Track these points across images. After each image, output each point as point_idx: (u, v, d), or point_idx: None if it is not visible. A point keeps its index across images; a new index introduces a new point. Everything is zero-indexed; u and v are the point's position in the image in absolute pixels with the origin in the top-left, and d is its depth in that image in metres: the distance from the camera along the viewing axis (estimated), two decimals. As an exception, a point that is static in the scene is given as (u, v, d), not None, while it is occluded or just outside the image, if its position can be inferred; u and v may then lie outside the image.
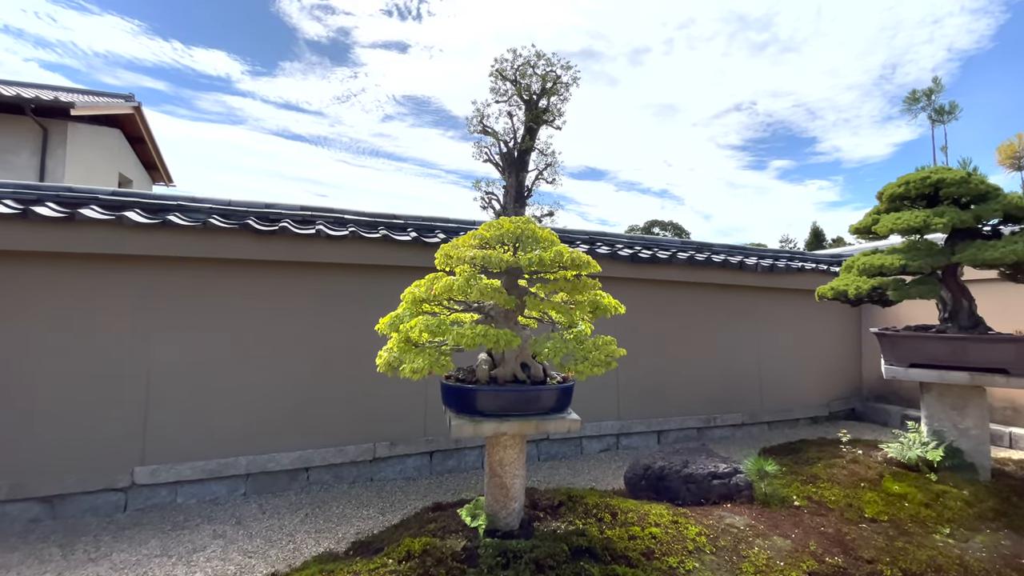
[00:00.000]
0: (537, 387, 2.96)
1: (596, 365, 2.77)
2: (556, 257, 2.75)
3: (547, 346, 2.78)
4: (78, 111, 10.24)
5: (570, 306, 2.88)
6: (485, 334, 2.58)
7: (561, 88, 21.68)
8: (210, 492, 4.30)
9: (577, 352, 2.78)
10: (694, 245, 6.62)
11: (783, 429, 6.83)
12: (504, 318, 3.09)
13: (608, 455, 5.62)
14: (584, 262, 2.81)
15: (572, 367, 2.76)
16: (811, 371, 7.19)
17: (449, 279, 2.70)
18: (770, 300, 6.90)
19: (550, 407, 3.01)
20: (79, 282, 4.03)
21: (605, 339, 3.04)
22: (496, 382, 2.99)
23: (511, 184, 21.27)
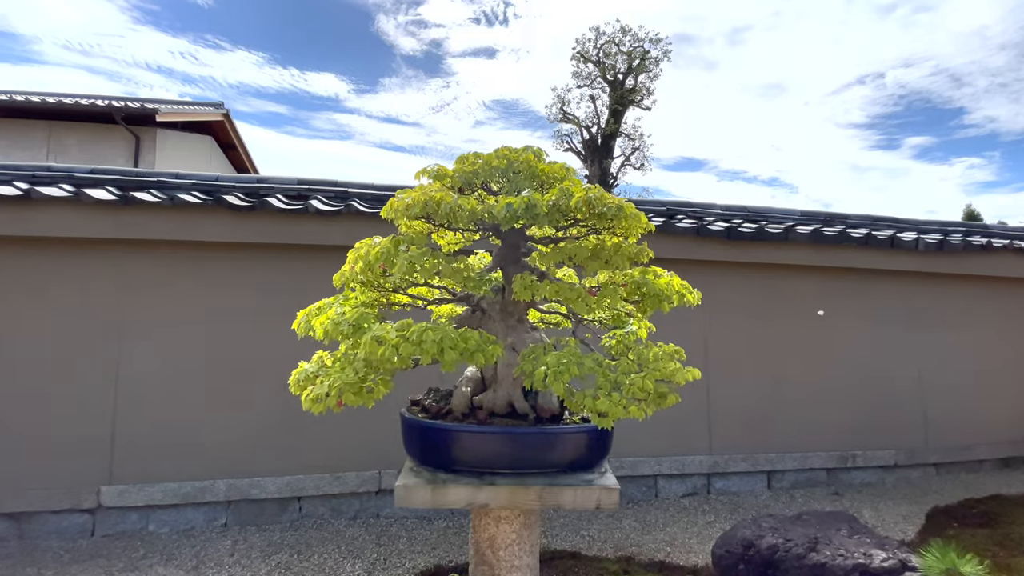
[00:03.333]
0: (544, 428, 1.78)
1: (636, 400, 1.48)
2: (560, 202, 1.51)
3: (546, 361, 1.55)
4: (163, 117, 10.65)
5: (588, 290, 1.61)
6: (421, 340, 1.42)
7: (650, 64, 19.66)
8: (185, 520, 3.59)
9: (600, 375, 1.52)
10: (820, 216, 4.87)
11: (959, 474, 4.82)
12: (501, 313, 1.91)
13: (694, 503, 4.15)
14: (619, 211, 1.53)
15: (589, 402, 1.49)
16: (1003, 392, 5.05)
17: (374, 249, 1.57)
18: (938, 291, 4.92)
19: (568, 461, 1.80)
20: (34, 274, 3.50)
21: (662, 350, 1.74)
22: (477, 415, 1.83)
23: (593, 173, 19.65)
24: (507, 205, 1.52)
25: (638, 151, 20.56)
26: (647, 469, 4.16)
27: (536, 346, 1.69)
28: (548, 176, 1.71)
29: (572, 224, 1.77)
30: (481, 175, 1.74)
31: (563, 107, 20.68)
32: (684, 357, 1.86)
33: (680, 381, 1.57)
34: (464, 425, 1.77)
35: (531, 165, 1.73)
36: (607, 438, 1.89)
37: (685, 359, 1.86)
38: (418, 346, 1.42)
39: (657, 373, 1.54)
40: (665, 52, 20.04)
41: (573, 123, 20.48)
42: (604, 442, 1.88)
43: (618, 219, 1.53)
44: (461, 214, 1.54)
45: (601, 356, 1.66)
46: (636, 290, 1.71)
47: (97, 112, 10.17)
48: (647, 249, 1.76)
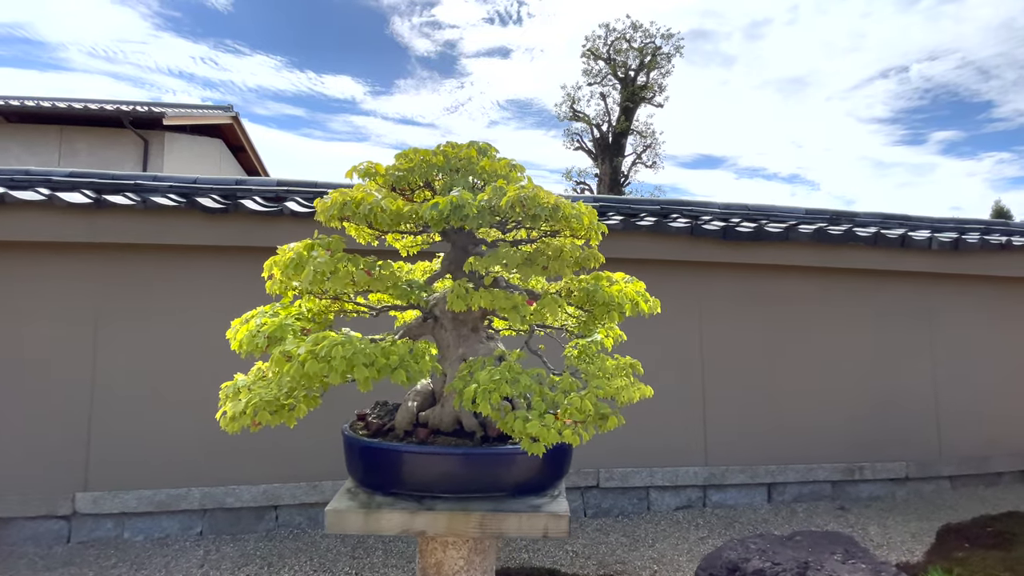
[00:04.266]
0: (488, 449, 1.64)
1: (574, 423, 1.32)
2: (493, 202, 1.36)
3: (478, 379, 1.41)
4: (170, 120, 10.75)
5: (526, 300, 1.45)
6: (330, 356, 1.28)
7: (662, 60, 19.29)
8: (160, 528, 3.52)
9: (538, 394, 1.37)
10: (826, 214, 4.63)
11: (976, 488, 4.53)
12: (454, 322, 1.77)
13: (688, 517, 3.95)
14: (554, 212, 1.37)
15: (519, 425, 1.34)
16: (1022, 399, 4.75)
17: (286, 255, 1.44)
18: (955, 293, 4.64)
19: (517, 484, 1.66)
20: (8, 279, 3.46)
21: (616, 363, 1.58)
22: (418, 433, 1.69)
23: (604, 171, 19.35)
24: (433, 205, 1.37)
25: (650, 149, 20.23)
26: (638, 480, 3.97)
27: (474, 360, 1.55)
28: (489, 174, 1.56)
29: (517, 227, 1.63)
30: (418, 173, 1.60)
31: (573, 105, 20.45)
32: (640, 371, 1.70)
33: (625, 400, 1.40)
34: (399, 444, 1.64)
35: (472, 162, 1.59)
36: (562, 458, 1.74)
37: (642, 372, 1.70)
38: (327, 363, 1.29)
39: (600, 391, 1.38)
40: (677, 48, 19.69)
41: (583, 121, 20.23)
42: (558, 463, 1.73)
43: (554, 220, 1.37)
44: (382, 216, 1.41)
45: (545, 372, 1.51)
46: (586, 298, 1.55)
47: (106, 116, 10.30)
48: (596, 253, 1.59)
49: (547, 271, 1.44)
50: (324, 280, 1.33)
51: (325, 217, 1.46)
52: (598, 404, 1.39)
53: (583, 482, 3.90)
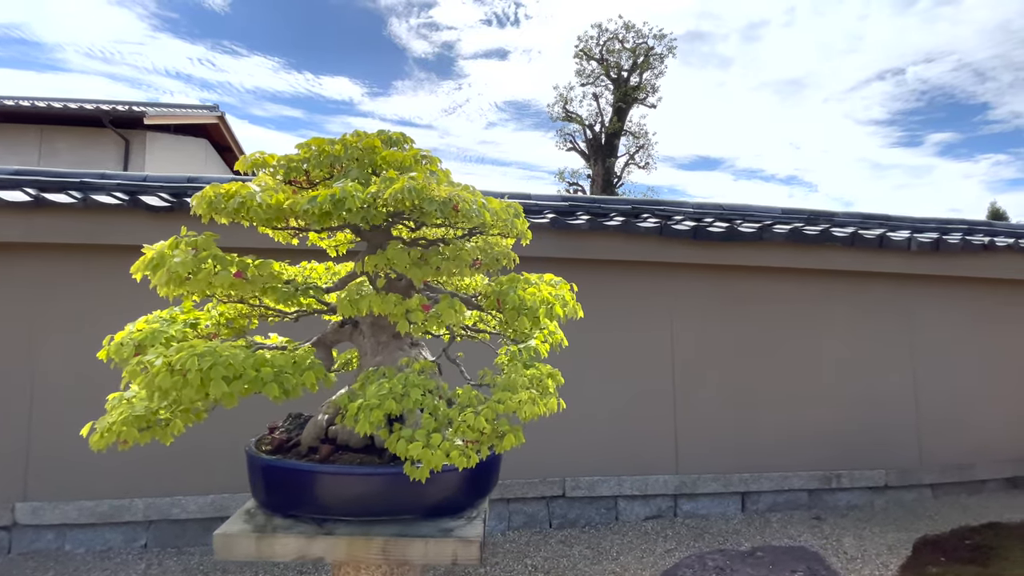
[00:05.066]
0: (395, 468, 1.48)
1: (466, 443, 1.18)
2: (380, 193, 1.22)
3: (368, 391, 1.27)
4: (151, 120, 10.60)
5: (421, 302, 1.31)
6: (186, 368, 1.14)
7: (654, 61, 19.18)
8: (102, 540, 3.37)
9: (429, 411, 1.23)
10: (804, 214, 4.49)
11: (958, 497, 4.39)
12: (372, 328, 1.64)
13: (657, 527, 3.80)
14: (444, 207, 1.22)
15: (401, 446, 1.20)
16: (1006, 404, 4.61)
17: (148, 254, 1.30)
18: (936, 295, 4.50)
19: (429, 506, 1.51)
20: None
21: (530, 375, 1.44)
22: (321, 450, 1.55)
23: (597, 172, 19.21)
24: (310, 200, 1.23)
25: (643, 149, 20.10)
26: (606, 489, 3.83)
27: (373, 371, 1.41)
28: (389, 164, 1.42)
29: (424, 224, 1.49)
30: (314, 163, 1.46)
31: (566, 106, 20.32)
32: (560, 381, 1.55)
33: (528, 416, 1.26)
34: (296, 463, 1.50)
35: (373, 151, 1.45)
36: (485, 476, 1.60)
37: (562, 382, 1.56)
38: (182, 376, 1.14)
39: (501, 406, 1.24)
40: (670, 48, 19.57)
41: (576, 122, 20.09)
42: (479, 481, 1.59)
43: (447, 216, 1.23)
44: (258, 210, 1.26)
45: (445, 386, 1.36)
46: (496, 301, 1.41)
47: (86, 116, 10.14)
48: (507, 252, 1.45)
49: (439, 272, 1.29)
50: (182, 281, 1.18)
51: (202, 212, 1.32)
52: (496, 421, 1.25)
53: (548, 491, 3.76)
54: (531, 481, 3.72)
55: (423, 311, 1.28)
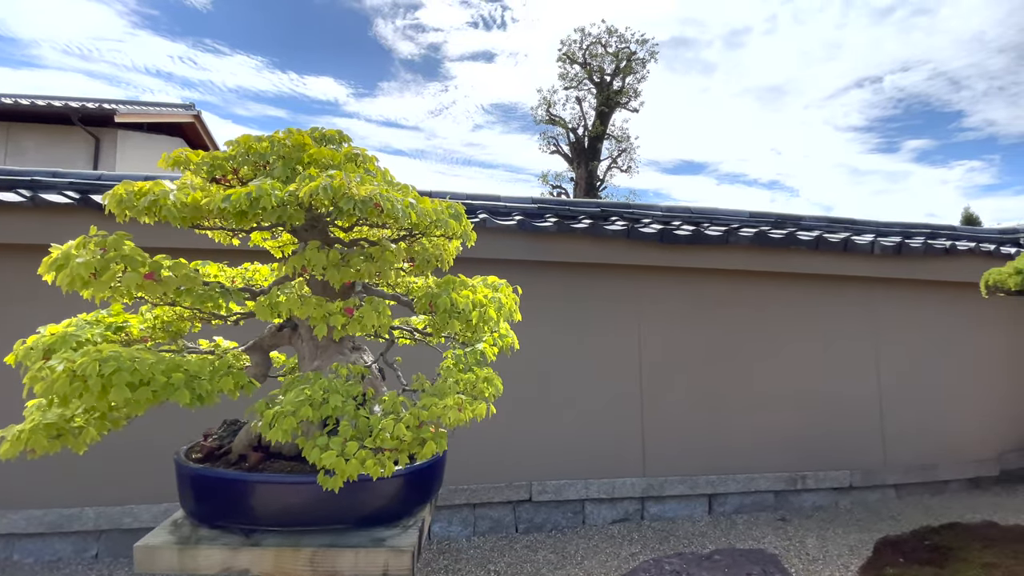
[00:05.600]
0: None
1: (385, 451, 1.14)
2: (299, 192, 1.17)
3: (286, 397, 1.22)
4: (122, 118, 10.37)
5: (342, 306, 1.27)
6: (85, 374, 1.08)
7: (637, 65, 19.35)
8: (52, 550, 3.25)
9: (348, 419, 1.19)
10: (771, 217, 4.53)
11: (921, 497, 4.46)
12: (311, 332, 1.58)
13: (624, 530, 3.79)
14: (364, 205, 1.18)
15: (315, 455, 1.16)
16: (970, 407, 4.69)
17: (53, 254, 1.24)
18: (900, 298, 4.57)
19: (362, 515, 1.46)
20: None
21: (468, 379, 1.40)
22: (250, 458, 1.50)
23: (580, 176, 19.29)
24: (225, 198, 1.18)
25: (625, 153, 20.23)
26: (573, 493, 3.81)
27: (295, 377, 1.36)
28: (317, 162, 1.38)
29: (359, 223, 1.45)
30: (240, 160, 1.41)
31: (549, 109, 20.37)
32: (498, 386, 1.52)
33: (452, 423, 1.23)
34: (221, 471, 1.44)
35: (301, 148, 1.40)
36: (424, 483, 1.56)
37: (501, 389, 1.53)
38: (83, 382, 1.09)
39: (425, 413, 1.20)
40: (652, 53, 19.74)
41: (559, 125, 20.16)
42: (419, 488, 1.55)
43: (369, 215, 1.19)
44: (170, 209, 1.21)
45: (371, 392, 1.32)
46: (426, 304, 1.37)
47: (54, 113, 9.89)
48: (440, 253, 1.42)
49: (360, 274, 1.25)
50: (85, 283, 1.13)
51: (114, 211, 1.26)
52: (420, 429, 1.21)
53: (515, 496, 3.72)
54: (497, 486, 3.68)
55: (345, 314, 1.24)
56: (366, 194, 1.17)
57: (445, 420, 1.22)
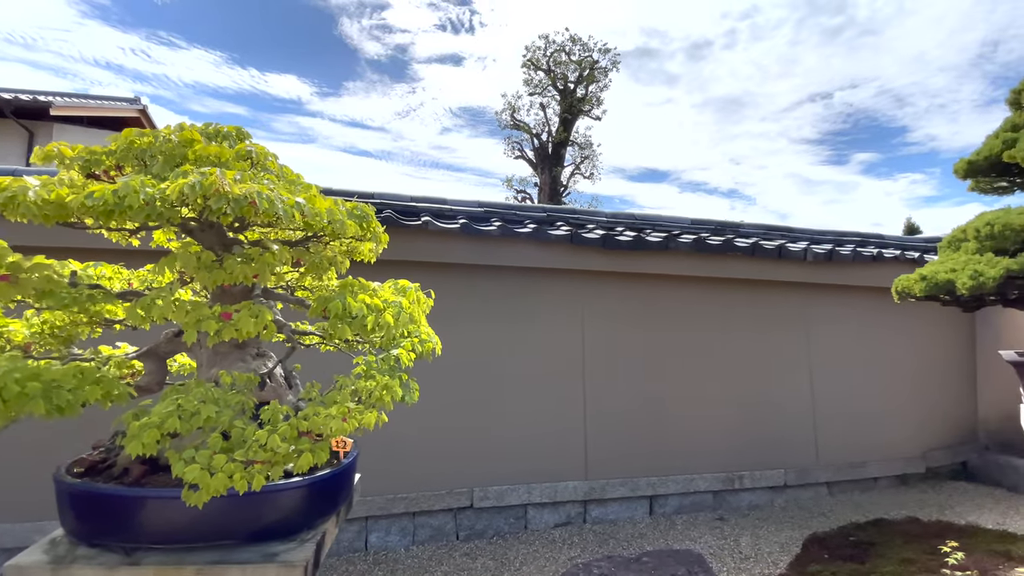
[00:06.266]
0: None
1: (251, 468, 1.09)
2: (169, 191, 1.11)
3: (156, 408, 1.15)
4: (59, 110, 9.83)
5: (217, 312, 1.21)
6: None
7: (599, 74, 19.69)
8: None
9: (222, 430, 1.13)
10: (711, 224, 4.66)
11: (852, 494, 4.65)
12: (200, 340, 1.50)
13: (565, 534, 3.80)
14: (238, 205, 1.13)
15: (179, 468, 1.10)
16: (897, 406, 4.94)
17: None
18: (831, 303, 4.77)
19: (256, 529, 1.40)
20: None
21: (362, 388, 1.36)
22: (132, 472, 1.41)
23: (544, 181, 19.47)
24: (88, 195, 1.11)
25: (588, 160, 20.54)
26: (515, 498, 3.79)
27: (173, 387, 1.29)
28: (203, 160, 1.32)
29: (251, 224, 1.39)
30: (121, 157, 1.33)
31: (514, 114, 20.49)
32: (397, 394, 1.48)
33: (336, 433, 1.18)
34: (96, 486, 1.36)
35: (187, 145, 1.34)
36: (325, 495, 1.51)
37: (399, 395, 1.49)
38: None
39: (305, 424, 1.16)
40: (614, 63, 20.13)
41: (524, 130, 20.30)
42: (319, 501, 1.49)
43: (245, 214, 1.14)
44: (30, 207, 1.13)
45: (251, 402, 1.27)
46: (320, 309, 1.33)
47: (-19, 104, 9.27)
48: (331, 255, 1.38)
49: (233, 276, 1.20)
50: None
51: None
52: (299, 440, 1.17)
53: (456, 503, 3.67)
54: (438, 493, 3.63)
55: (220, 320, 1.18)
56: (241, 193, 1.12)
57: (326, 431, 1.18)
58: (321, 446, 1.18)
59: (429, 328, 1.88)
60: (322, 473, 1.47)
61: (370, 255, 1.77)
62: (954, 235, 2.48)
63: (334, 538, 1.76)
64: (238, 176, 1.20)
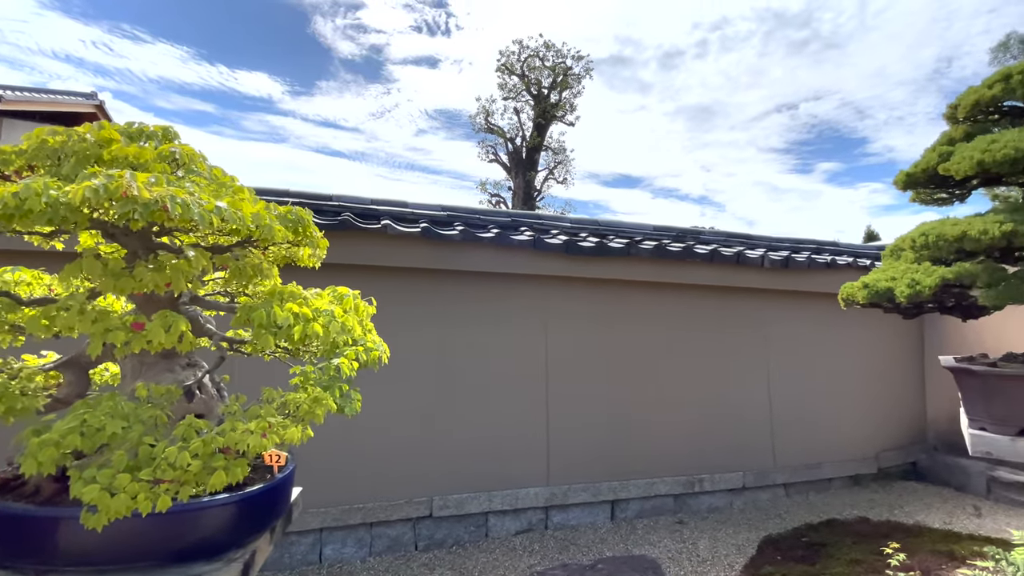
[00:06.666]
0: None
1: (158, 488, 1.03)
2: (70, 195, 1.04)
3: (59, 423, 1.08)
4: (8, 105, 9.38)
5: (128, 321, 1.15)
6: None
7: (572, 80, 19.89)
8: None
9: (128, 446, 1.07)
10: (673, 231, 4.73)
11: (807, 495, 4.76)
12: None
13: (526, 541, 3.77)
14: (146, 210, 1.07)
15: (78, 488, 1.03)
16: (850, 409, 5.09)
17: None
18: (787, 308, 4.89)
19: (176, 550, 1.32)
20: None
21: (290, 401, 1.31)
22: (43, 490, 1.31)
23: (518, 185, 19.52)
24: None
25: (561, 165, 20.68)
26: (476, 507, 3.75)
27: (81, 401, 1.22)
28: (119, 161, 1.25)
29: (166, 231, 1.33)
30: (32, 156, 1.25)
31: (488, 118, 20.50)
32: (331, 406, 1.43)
33: (254, 450, 1.13)
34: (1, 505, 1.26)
35: (104, 145, 1.27)
36: (257, 511, 1.44)
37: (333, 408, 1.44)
38: None
39: (220, 440, 1.10)
40: (587, 70, 20.36)
41: (498, 134, 20.33)
42: (249, 517, 1.42)
43: (156, 219, 1.08)
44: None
45: (164, 416, 1.20)
46: (244, 318, 1.27)
47: (-80, 96, 8.77)
48: (257, 262, 1.32)
49: (142, 285, 1.14)
50: None
51: None
52: (214, 457, 1.11)
53: (415, 512, 3.61)
54: (396, 503, 3.56)
55: (131, 330, 1.12)
56: (151, 197, 1.06)
57: (242, 447, 1.12)
58: (238, 463, 1.12)
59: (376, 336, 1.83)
60: (252, 489, 1.41)
61: (311, 261, 1.72)
62: (896, 244, 2.56)
63: (267, 555, 1.69)
64: (153, 179, 1.14)
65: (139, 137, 1.43)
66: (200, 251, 1.22)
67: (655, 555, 3.37)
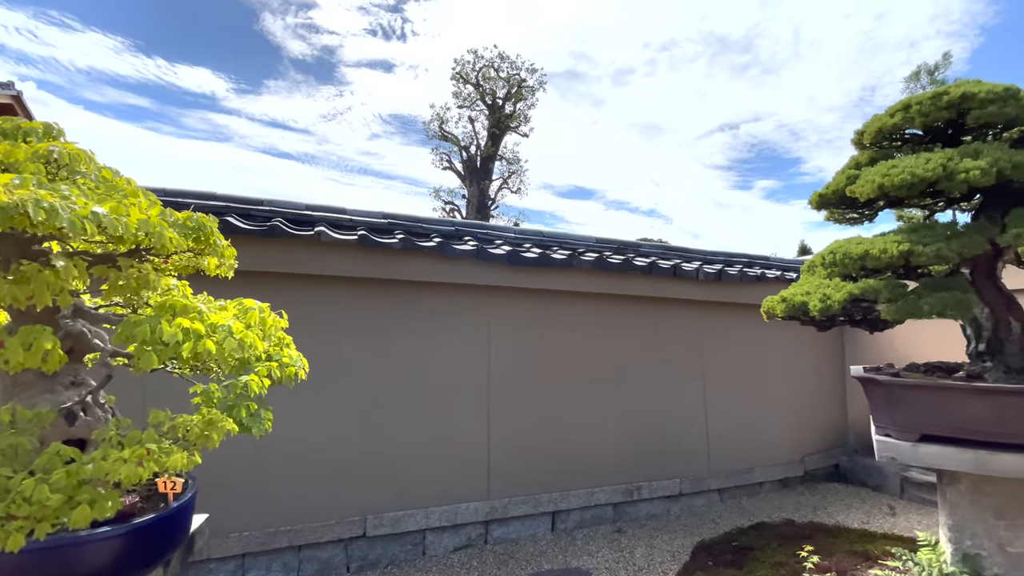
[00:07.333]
0: None
1: (6, 526, 0.92)
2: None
3: None
4: (-98, 90, 8.45)
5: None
6: None
7: (527, 92, 20.15)
8: None
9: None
10: (614, 244, 4.83)
11: (740, 499, 4.94)
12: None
13: (464, 558, 3.70)
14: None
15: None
16: (779, 415, 5.33)
17: None
18: (721, 320, 5.09)
19: None
20: None
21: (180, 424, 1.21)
22: None
23: (472, 194, 19.52)
24: None
25: (515, 175, 20.86)
26: (412, 524, 3.64)
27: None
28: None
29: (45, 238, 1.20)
30: None
31: (442, 125, 20.42)
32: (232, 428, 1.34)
33: (130, 481, 1.03)
34: None
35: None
36: (148, 542, 1.32)
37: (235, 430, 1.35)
38: None
39: (87, 470, 0.99)
40: (541, 82, 20.71)
41: (452, 142, 20.29)
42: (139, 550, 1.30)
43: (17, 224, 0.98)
44: None
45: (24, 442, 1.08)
46: (125, 335, 1.17)
47: None
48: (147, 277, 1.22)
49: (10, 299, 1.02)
50: None
51: None
52: (80, 489, 1.00)
53: (347, 532, 3.46)
54: (327, 523, 3.41)
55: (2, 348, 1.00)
56: (9, 200, 0.96)
57: (115, 477, 1.02)
58: (106, 496, 1.02)
59: (293, 350, 1.74)
60: (140, 520, 1.30)
61: (220, 270, 1.62)
62: (812, 261, 2.71)
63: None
64: (18, 180, 1.03)
65: (16, 135, 1.30)
66: (74, 260, 1.11)
67: (592, 566, 3.38)
